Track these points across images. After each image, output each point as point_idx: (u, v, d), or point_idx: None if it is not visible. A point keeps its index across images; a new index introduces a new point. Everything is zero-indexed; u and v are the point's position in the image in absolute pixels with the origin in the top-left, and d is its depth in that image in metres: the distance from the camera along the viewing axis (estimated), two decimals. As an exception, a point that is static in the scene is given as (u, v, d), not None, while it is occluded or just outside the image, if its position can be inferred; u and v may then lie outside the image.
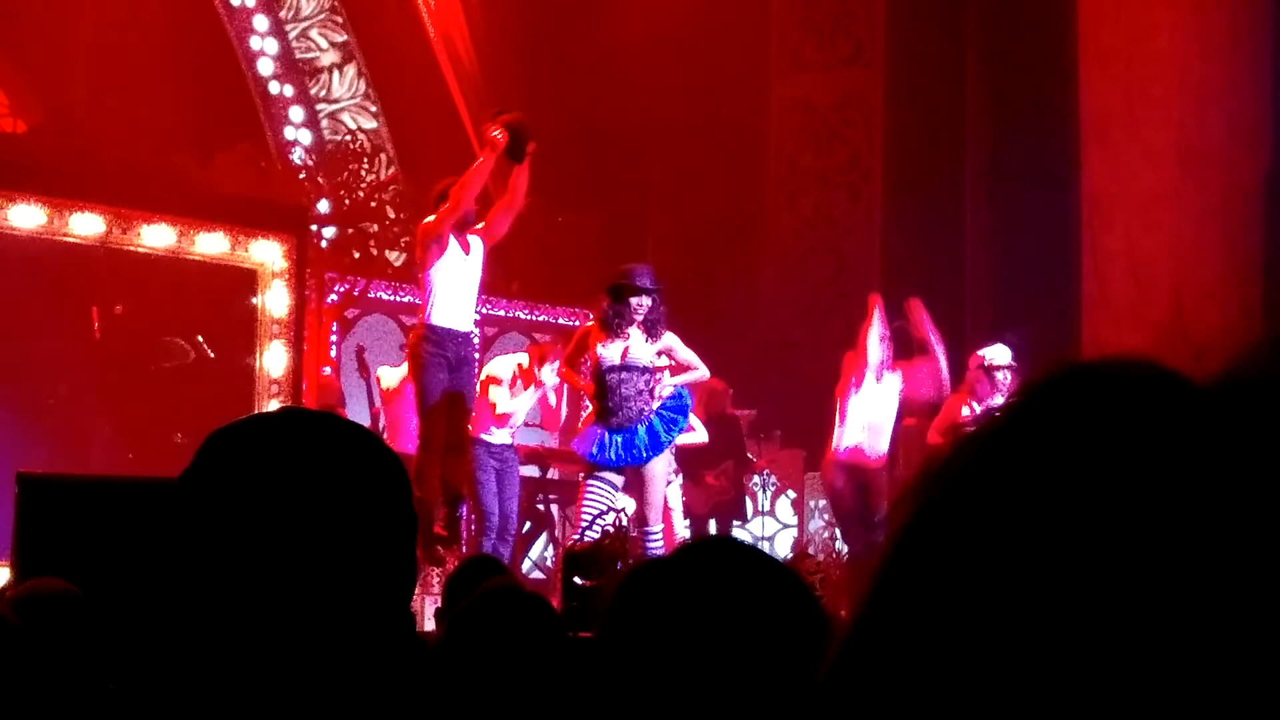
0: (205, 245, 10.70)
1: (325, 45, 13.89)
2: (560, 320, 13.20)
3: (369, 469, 1.28)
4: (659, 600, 1.51)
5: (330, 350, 11.96)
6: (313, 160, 13.54)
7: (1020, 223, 11.87)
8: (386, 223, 13.37)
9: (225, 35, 13.37)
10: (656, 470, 8.21)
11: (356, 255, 13.03)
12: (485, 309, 12.13)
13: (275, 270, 10.94)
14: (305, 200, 12.59)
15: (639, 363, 8.15)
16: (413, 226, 9.97)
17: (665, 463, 8.37)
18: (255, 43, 13.53)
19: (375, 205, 13.46)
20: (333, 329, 12.05)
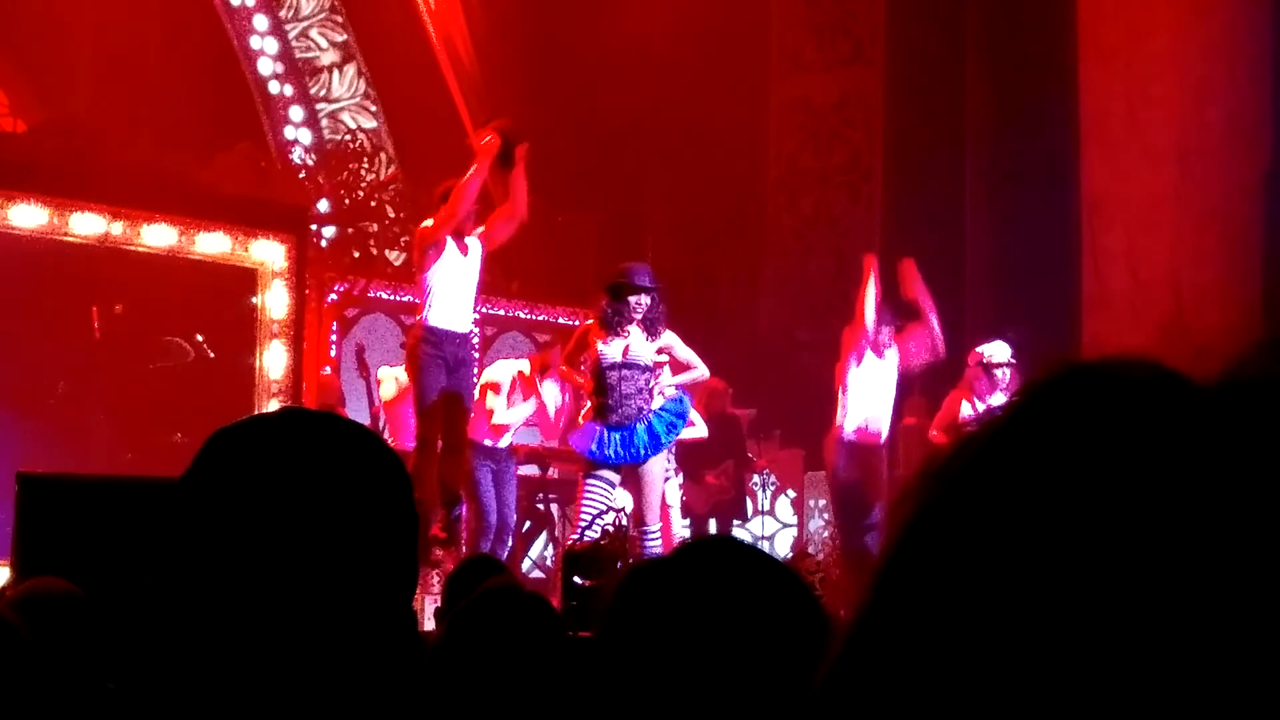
0: (205, 245, 10.70)
1: (325, 45, 13.89)
2: (560, 320, 13.20)
3: (370, 469, 1.28)
4: (659, 600, 1.51)
5: (330, 350, 11.95)
6: (313, 160, 13.54)
7: (1020, 223, 11.87)
8: (386, 222, 13.38)
9: (225, 35, 13.37)
10: (654, 469, 8.20)
11: (356, 255, 13.03)
12: (485, 309, 12.13)
13: (275, 270, 10.94)
14: (305, 200, 12.59)
15: (640, 361, 8.15)
16: (412, 226, 9.97)
17: (662, 462, 8.36)
18: (255, 42, 13.53)
19: (375, 205, 13.46)
20: (333, 328, 12.05)
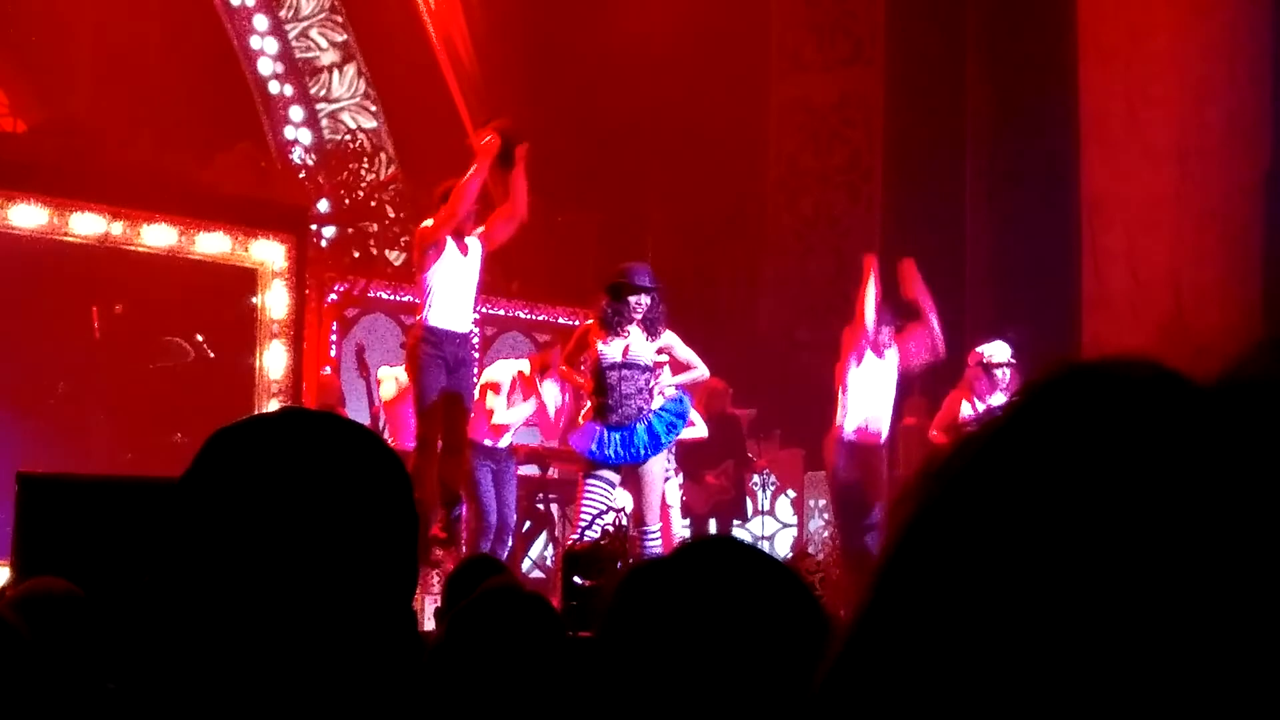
0: (205, 245, 10.69)
1: (325, 45, 13.89)
2: (560, 320, 13.20)
3: (370, 468, 1.28)
4: (659, 600, 1.50)
5: (330, 350, 11.96)
6: (313, 160, 13.55)
7: (1020, 223, 11.87)
8: (386, 222, 13.38)
9: (225, 35, 13.37)
10: (653, 470, 8.20)
11: (356, 255, 13.03)
12: (485, 308, 12.13)
13: (275, 270, 10.94)
14: (305, 200, 12.59)
15: (640, 361, 8.15)
16: (412, 226, 9.97)
17: (662, 462, 8.36)
18: (255, 42, 13.53)
19: (375, 205, 13.47)
20: (333, 328, 12.05)
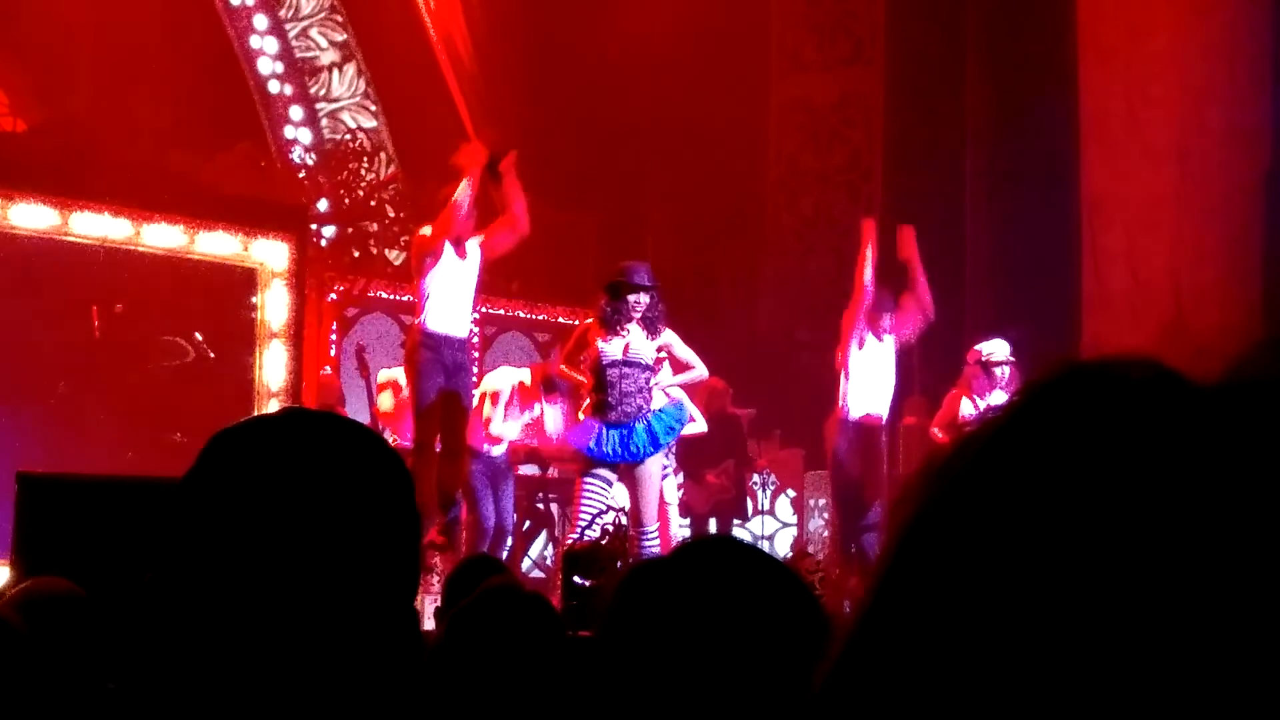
0: (205, 245, 10.69)
1: (325, 44, 13.89)
2: (560, 319, 13.20)
3: (372, 468, 1.28)
4: (659, 599, 1.51)
5: (330, 349, 11.96)
6: (313, 159, 13.54)
7: (1020, 223, 11.87)
8: (386, 222, 13.38)
9: (225, 35, 13.37)
10: (650, 470, 8.20)
11: (356, 254, 13.03)
12: (485, 308, 12.13)
13: (275, 270, 10.94)
14: (305, 200, 12.59)
15: (640, 359, 8.15)
16: (413, 226, 9.97)
17: (659, 462, 8.37)
18: (255, 42, 13.52)
19: (375, 204, 13.47)
20: (333, 328, 12.05)
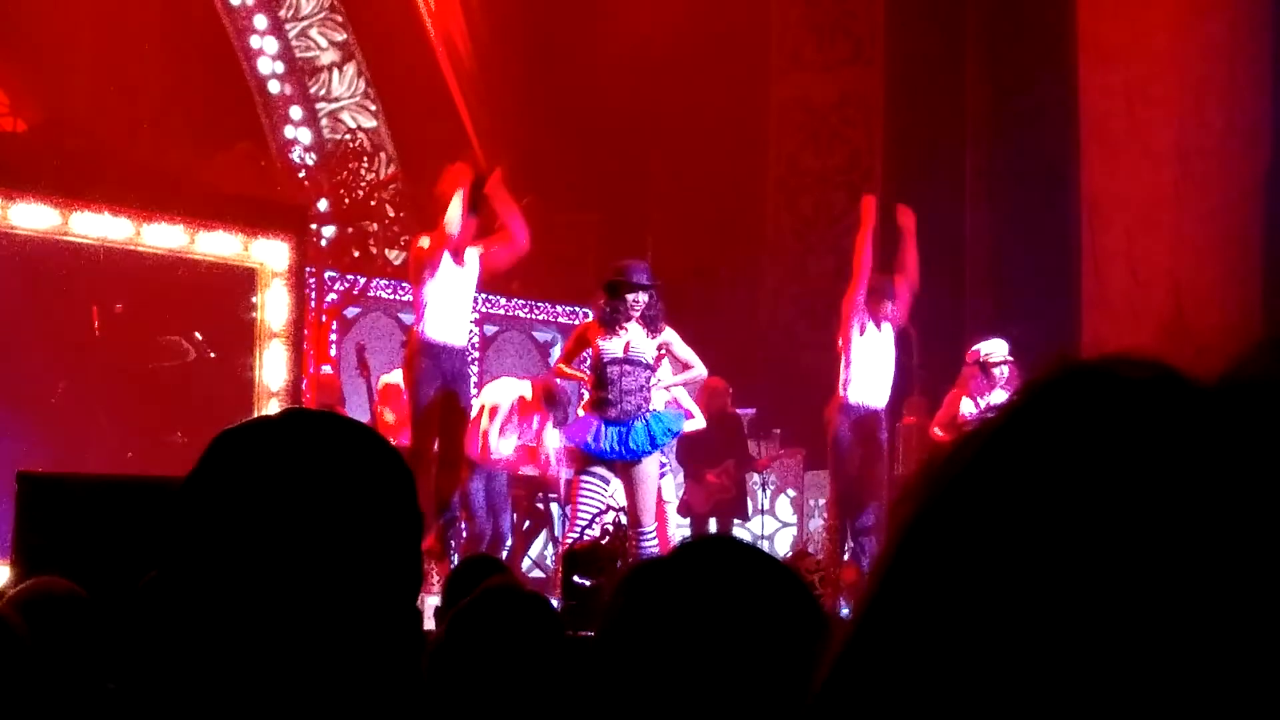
0: (205, 245, 10.69)
1: (325, 44, 13.89)
2: (560, 319, 13.20)
3: (373, 468, 1.28)
4: (659, 599, 1.51)
5: (330, 349, 11.96)
6: (313, 159, 13.55)
7: (1020, 223, 11.87)
8: (386, 221, 13.38)
9: (225, 35, 13.37)
10: (648, 470, 8.22)
11: (356, 254, 13.04)
12: (485, 307, 12.13)
13: (275, 269, 10.93)
14: (305, 199, 12.59)
15: (640, 358, 8.18)
16: (412, 226, 9.98)
17: (655, 463, 8.39)
18: (255, 41, 13.52)
19: (375, 204, 13.47)
20: (332, 328, 12.05)
